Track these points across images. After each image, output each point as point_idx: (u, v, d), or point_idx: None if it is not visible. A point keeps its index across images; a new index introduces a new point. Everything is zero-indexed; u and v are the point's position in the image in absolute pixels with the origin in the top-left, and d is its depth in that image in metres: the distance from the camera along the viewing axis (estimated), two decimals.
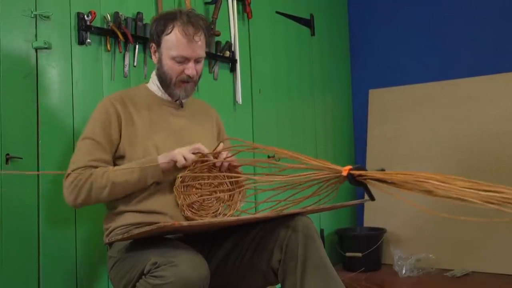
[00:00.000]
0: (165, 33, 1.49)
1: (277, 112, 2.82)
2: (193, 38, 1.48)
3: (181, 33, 1.47)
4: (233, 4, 2.48)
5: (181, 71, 1.51)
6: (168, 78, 1.52)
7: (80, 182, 1.39)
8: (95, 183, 1.38)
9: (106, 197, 1.41)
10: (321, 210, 1.52)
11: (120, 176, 1.39)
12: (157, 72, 1.57)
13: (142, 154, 1.46)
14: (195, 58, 1.51)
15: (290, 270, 1.32)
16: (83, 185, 1.39)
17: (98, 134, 1.45)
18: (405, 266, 2.78)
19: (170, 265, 1.17)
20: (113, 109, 1.49)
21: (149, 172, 1.40)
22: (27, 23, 1.63)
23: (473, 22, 3.13)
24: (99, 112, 1.50)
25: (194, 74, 1.52)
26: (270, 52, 2.80)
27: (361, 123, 3.50)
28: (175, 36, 1.48)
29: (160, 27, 1.50)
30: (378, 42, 3.50)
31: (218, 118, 1.76)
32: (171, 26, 1.49)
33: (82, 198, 1.40)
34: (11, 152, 1.55)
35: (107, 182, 1.39)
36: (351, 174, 1.12)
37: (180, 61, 1.50)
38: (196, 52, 1.50)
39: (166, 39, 1.50)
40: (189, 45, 1.48)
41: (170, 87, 1.54)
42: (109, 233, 1.47)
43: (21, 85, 1.62)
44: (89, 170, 1.41)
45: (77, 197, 1.40)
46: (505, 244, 2.73)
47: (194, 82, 1.55)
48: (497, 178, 2.84)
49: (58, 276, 1.67)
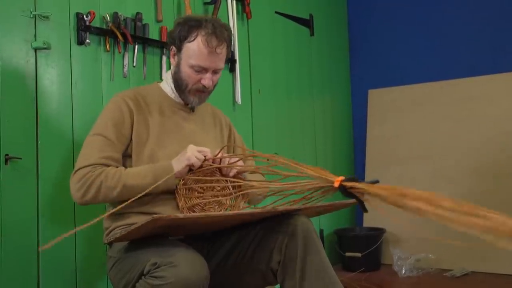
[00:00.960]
0: (188, 40, 1.47)
1: (277, 112, 2.82)
2: (215, 50, 1.46)
3: (204, 44, 1.45)
4: (232, 4, 2.48)
5: (197, 80, 1.49)
6: (184, 84, 1.51)
7: (89, 179, 1.36)
8: (105, 182, 1.36)
9: (115, 198, 1.38)
10: (321, 209, 1.52)
11: (132, 179, 1.37)
12: (173, 74, 1.55)
13: (148, 155, 1.45)
14: (214, 69, 1.50)
15: (290, 272, 1.31)
16: (92, 183, 1.36)
17: (110, 132, 1.43)
18: (405, 266, 2.78)
19: (170, 265, 1.17)
20: (126, 107, 1.47)
21: (165, 181, 1.36)
22: (26, 23, 1.63)
23: (473, 22, 3.13)
24: (112, 108, 1.48)
25: (210, 85, 1.51)
26: (269, 52, 2.80)
27: (361, 123, 3.50)
28: (197, 45, 1.46)
29: (184, 33, 1.48)
30: (377, 42, 3.49)
31: (231, 124, 1.74)
32: (195, 34, 1.46)
33: (90, 196, 1.37)
34: (10, 152, 1.55)
35: (118, 183, 1.36)
36: (342, 185, 1.12)
37: (198, 70, 1.48)
38: (216, 64, 1.49)
39: (188, 46, 1.47)
40: (210, 56, 1.46)
41: (185, 93, 1.53)
42: (109, 233, 1.47)
43: (20, 86, 1.62)
44: (100, 168, 1.38)
45: (85, 194, 1.37)
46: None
47: (209, 92, 1.54)
48: (497, 178, 2.84)
49: (57, 276, 1.67)
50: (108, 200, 1.41)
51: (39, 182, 1.63)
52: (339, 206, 1.58)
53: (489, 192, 2.83)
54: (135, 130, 1.46)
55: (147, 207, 1.43)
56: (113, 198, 1.39)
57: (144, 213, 1.42)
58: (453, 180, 2.97)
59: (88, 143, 1.44)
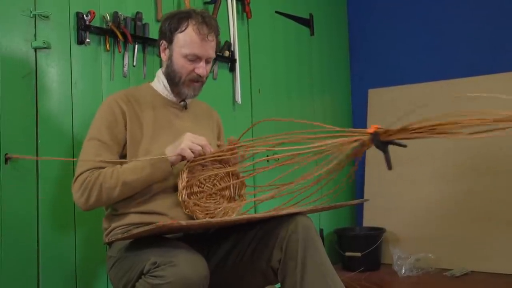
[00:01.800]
0: (179, 31, 1.49)
1: (277, 111, 2.82)
2: (207, 38, 1.48)
3: (196, 32, 1.47)
4: (233, 3, 2.48)
5: (191, 70, 1.51)
6: (178, 76, 1.52)
7: (89, 184, 1.37)
8: (104, 183, 1.37)
9: (117, 197, 1.39)
10: (321, 209, 1.52)
11: (130, 175, 1.38)
12: (165, 70, 1.56)
13: (143, 154, 1.45)
14: (206, 57, 1.51)
15: (290, 270, 1.31)
16: (93, 187, 1.37)
17: (104, 135, 1.44)
18: (405, 265, 2.78)
19: (169, 265, 1.17)
20: (118, 108, 1.48)
21: (159, 167, 1.38)
22: (26, 22, 1.63)
23: (473, 21, 3.13)
24: (104, 111, 1.48)
25: (205, 73, 1.52)
26: (269, 52, 2.80)
27: (360, 123, 3.50)
28: (189, 34, 1.48)
29: (174, 25, 1.50)
30: (377, 41, 3.50)
31: (219, 120, 1.76)
32: (185, 24, 1.49)
33: (93, 200, 1.38)
34: (10, 152, 1.55)
35: (117, 181, 1.37)
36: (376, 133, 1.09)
37: (192, 60, 1.49)
38: (208, 52, 1.51)
39: (179, 36, 1.49)
40: (202, 44, 1.48)
41: (179, 86, 1.53)
42: (108, 233, 1.47)
43: (20, 85, 1.62)
44: (97, 171, 1.39)
45: (88, 199, 1.38)
46: (504, 243, 2.73)
47: (202, 82, 1.55)
48: (496, 178, 2.84)
49: (57, 276, 1.67)
50: (112, 200, 1.41)
51: (39, 181, 1.63)
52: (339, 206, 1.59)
53: (489, 192, 2.83)
54: (129, 130, 1.47)
55: (146, 206, 1.43)
56: (116, 198, 1.40)
57: (143, 213, 1.43)
58: (453, 180, 2.97)
59: (84, 149, 1.46)
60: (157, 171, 1.39)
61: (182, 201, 1.41)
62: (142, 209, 1.42)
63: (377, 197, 3.20)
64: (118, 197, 1.40)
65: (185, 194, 1.40)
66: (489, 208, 2.81)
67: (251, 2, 2.58)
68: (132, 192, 1.41)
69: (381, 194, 3.22)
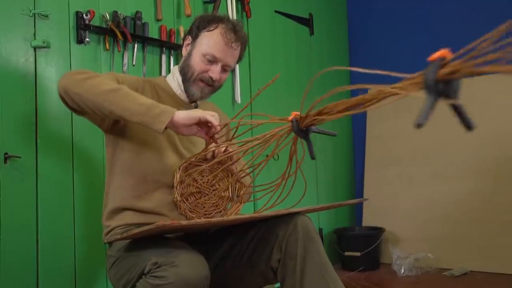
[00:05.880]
0: (207, 29, 1.48)
1: (276, 111, 2.82)
2: (231, 44, 1.46)
3: (222, 35, 1.46)
4: (232, 3, 2.48)
5: (205, 70, 1.48)
6: (190, 71, 1.49)
7: (87, 73, 1.27)
8: (101, 83, 1.24)
9: (99, 98, 1.22)
10: (320, 209, 1.52)
11: (127, 97, 1.23)
12: (181, 65, 1.54)
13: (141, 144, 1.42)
14: (224, 63, 1.48)
15: (290, 269, 1.31)
16: (88, 77, 1.25)
17: (122, 79, 1.38)
18: (404, 265, 2.78)
19: (170, 265, 1.16)
20: (142, 85, 1.47)
21: (157, 115, 1.22)
22: (25, 22, 1.63)
23: (473, 21, 3.13)
24: (131, 77, 1.47)
25: (217, 79, 1.49)
26: (269, 51, 2.80)
27: (360, 122, 3.50)
28: (215, 35, 1.47)
29: (204, 24, 1.49)
30: (377, 41, 3.50)
31: (226, 118, 1.74)
32: (215, 25, 1.48)
33: (77, 86, 1.24)
34: (10, 151, 1.55)
35: (112, 90, 1.23)
36: (295, 119, 1.09)
37: (209, 60, 1.47)
38: (227, 59, 1.48)
39: (205, 34, 1.48)
40: (225, 48, 1.46)
41: (189, 82, 1.50)
42: (108, 232, 1.46)
43: (20, 84, 1.61)
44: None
45: (72, 82, 1.24)
46: (504, 243, 2.73)
47: (213, 87, 1.52)
48: (496, 179, 2.85)
49: (56, 275, 1.67)
50: (89, 100, 1.24)
51: (38, 181, 1.63)
52: (339, 206, 1.59)
53: (488, 192, 2.83)
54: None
55: (144, 204, 1.42)
56: (96, 101, 1.23)
57: (142, 212, 1.42)
58: (452, 179, 2.97)
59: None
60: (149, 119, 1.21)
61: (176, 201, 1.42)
62: (140, 207, 1.42)
63: (377, 197, 3.21)
64: (100, 103, 1.23)
65: (177, 194, 1.41)
66: (488, 208, 2.82)
67: (250, 2, 2.57)
68: (114, 107, 1.23)
69: (380, 194, 3.22)
